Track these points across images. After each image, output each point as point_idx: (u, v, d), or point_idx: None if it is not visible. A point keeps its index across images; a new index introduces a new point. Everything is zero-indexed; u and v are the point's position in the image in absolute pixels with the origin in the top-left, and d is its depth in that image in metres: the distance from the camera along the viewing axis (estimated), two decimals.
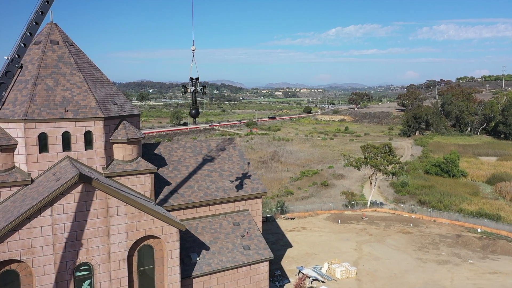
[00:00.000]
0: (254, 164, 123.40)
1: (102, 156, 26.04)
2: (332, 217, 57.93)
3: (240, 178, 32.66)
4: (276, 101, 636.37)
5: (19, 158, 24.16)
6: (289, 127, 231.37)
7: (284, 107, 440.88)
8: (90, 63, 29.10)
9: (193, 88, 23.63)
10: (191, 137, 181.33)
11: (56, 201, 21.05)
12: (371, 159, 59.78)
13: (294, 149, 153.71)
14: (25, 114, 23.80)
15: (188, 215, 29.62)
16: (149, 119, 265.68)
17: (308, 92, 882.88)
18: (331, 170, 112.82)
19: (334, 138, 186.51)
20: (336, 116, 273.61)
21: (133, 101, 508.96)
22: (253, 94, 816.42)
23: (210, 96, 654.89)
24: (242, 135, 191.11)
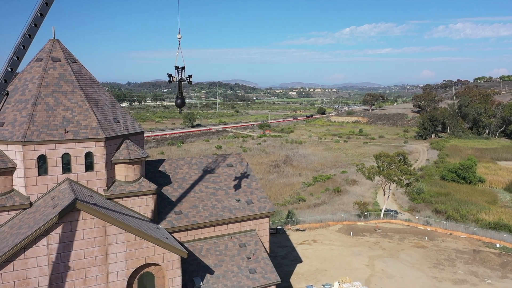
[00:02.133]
0: (266, 169, 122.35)
1: (103, 178, 25.27)
2: (344, 228, 56.46)
3: (247, 197, 31.60)
4: (289, 101, 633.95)
5: (18, 181, 23.52)
6: (302, 129, 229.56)
7: (297, 108, 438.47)
8: (93, 80, 28.38)
9: (179, 77, 22.99)
10: (203, 139, 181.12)
11: (52, 230, 20.31)
12: (384, 169, 58.08)
13: (307, 152, 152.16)
14: (23, 136, 23.14)
15: (192, 236, 28.69)
16: (162, 120, 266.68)
17: (322, 92, 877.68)
18: (344, 175, 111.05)
19: (348, 141, 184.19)
20: (350, 118, 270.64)
21: (148, 101, 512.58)
22: (267, 94, 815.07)
23: (223, 96, 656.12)
24: (255, 137, 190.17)
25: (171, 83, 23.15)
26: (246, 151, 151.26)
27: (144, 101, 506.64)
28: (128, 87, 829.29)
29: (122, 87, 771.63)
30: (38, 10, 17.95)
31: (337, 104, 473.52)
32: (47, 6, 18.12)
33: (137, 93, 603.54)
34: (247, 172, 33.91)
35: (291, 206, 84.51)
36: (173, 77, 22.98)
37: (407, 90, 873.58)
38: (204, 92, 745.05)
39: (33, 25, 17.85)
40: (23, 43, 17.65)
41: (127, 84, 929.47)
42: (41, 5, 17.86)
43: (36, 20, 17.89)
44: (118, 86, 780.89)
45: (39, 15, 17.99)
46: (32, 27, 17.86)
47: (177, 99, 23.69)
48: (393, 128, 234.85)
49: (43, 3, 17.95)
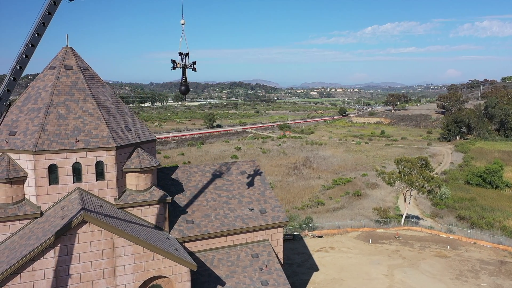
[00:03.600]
0: (285, 171, 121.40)
1: (114, 187, 25.05)
2: (363, 235, 55.13)
3: (260, 205, 30.94)
4: (310, 101, 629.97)
5: (29, 190, 23.52)
6: (322, 130, 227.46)
7: (318, 108, 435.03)
8: (105, 87, 28.26)
9: (183, 64, 22.39)
10: (223, 140, 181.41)
11: (59, 242, 20.13)
12: (405, 175, 56.43)
13: (327, 154, 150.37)
14: (34, 145, 23.11)
15: (204, 246, 28.22)
16: (183, 121, 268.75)
17: (343, 92, 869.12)
18: (364, 178, 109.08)
19: (369, 143, 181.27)
20: (371, 119, 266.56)
21: (169, 101, 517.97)
22: (288, 94, 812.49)
23: (244, 96, 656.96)
24: (275, 138, 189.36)
25: (175, 69, 22.60)
26: (266, 153, 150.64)
27: (166, 101, 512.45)
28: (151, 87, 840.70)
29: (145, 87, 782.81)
30: (41, 20, 17.71)
31: (358, 105, 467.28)
32: (49, 15, 17.87)
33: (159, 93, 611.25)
34: (261, 179, 33.24)
35: (310, 210, 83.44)
36: (177, 63, 22.51)
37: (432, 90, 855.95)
38: (225, 92, 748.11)
39: (35, 34, 17.61)
40: (26, 52, 17.44)
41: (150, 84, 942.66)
42: (43, 15, 17.64)
43: (38, 29, 17.65)
44: (141, 86, 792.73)
45: (42, 24, 17.74)
46: (35, 36, 17.61)
47: (181, 86, 23.23)
48: (416, 130, 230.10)
49: (46, 13, 17.72)
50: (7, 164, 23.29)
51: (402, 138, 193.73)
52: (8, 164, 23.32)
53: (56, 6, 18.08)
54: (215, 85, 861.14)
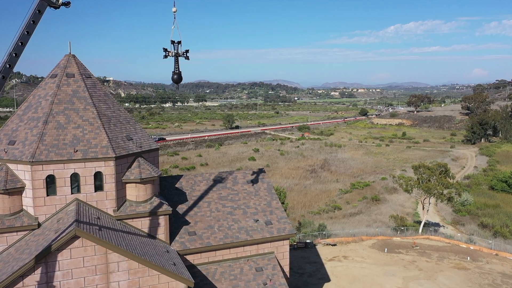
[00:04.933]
0: (303, 173, 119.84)
1: (113, 198, 24.51)
2: (379, 244, 53.39)
3: (266, 217, 29.94)
4: (332, 101, 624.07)
5: (27, 201, 23.19)
6: (342, 131, 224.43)
7: (339, 108, 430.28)
8: (107, 95, 27.79)
9: (175, 52, 22.13)
10: (241, 141, 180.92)
11: (51, 257, 19.64)
12: (423, 182, 54.36)
13: (346, 157, 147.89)
14: (32, 155, 22.75)
15: (206, 259, 27.42)
16: (203, 121, 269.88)
17: (365, 92, 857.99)
18: (383, 182, 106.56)
19: (390, 145, 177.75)
20: (393, 120, 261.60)
21: (190, 101, 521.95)
22: (309, 94, 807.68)
23: (265, 96, 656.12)
24: (294, 139, 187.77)
25: (166, 57, 22.26)
26: (283, 155, 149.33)
27: (187, 101, 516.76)
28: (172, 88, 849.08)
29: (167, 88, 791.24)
30: (25, 28, 17.23)
31: (380, 105, 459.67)
32: (34, 24, 17.38)
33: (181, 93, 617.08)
34: (268, 189, 32.23)
35: (326, 215, 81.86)
36: (169, 52, 22.15)
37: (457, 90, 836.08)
38: (246, 92, 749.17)
39: (19, 43, 17.14)
40: (9, 62, 16.96)
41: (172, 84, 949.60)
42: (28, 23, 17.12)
43: (22, 38, 17.16)
44: (163, 86, 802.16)
45: (28, 30, 17.22)
46: (19, 45, 17.14)
47: (174, 75, 22.85)
48: (439, 132, 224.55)
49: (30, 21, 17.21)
50: (5, 175, 23.00)
51: (425, 140, 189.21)
52: (6, 174, 23.04)
53: (40, 15, 17.59)
54: (235, 86, 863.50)
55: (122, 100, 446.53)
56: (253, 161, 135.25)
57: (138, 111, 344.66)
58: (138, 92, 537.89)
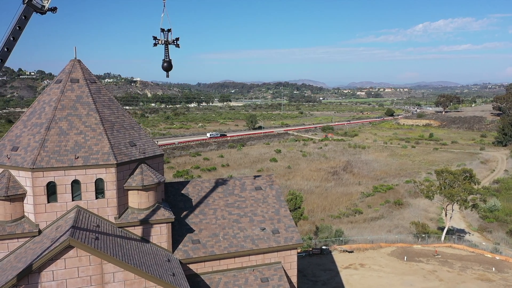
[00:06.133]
0: (324, 175, 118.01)
1: (114, 205, 24.16)
2: (398, 251, 51.54)
3: (273, 225, 29.02)
4: (357, 101, 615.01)
5: (28, 208, 23.10)
6: (367, 132, 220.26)
7: (365, 109, 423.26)
8: (112, 101, 27.52)
9: (165, 40, 21.81)
10: (264, 142, 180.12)
11: (46, 267, 19.38)
12: (446, 188, 52.08)
13: (369, 159, 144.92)
14: (33, 162, 22.63)
15: (210, 268, 26.76)
16: (226, 121, 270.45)
17: (392, 92, 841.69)
18: (407, 185, 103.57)
19: (416, 146, 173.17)
20: (420, 121, 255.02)
21: (215, 101, 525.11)
22: (334, 94, 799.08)
23: (289, 96, 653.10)
24: (316, 140, 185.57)
25: (156, 46, 21.95)
26: (306, 156, 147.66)
27: (211, 101, 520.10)
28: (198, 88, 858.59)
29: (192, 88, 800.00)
30: (11, 34, 16.97)
31: (407, 105, 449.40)
32: (19, 29, 17.12)
33: (206, 93, 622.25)
34: (277, 196, 31.30)
35: (346, 219, 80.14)
36: (159, 40, 21.85)
37: (489, 90, 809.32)
38: (271, 92, 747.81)
39: (5, 49, 16.93)
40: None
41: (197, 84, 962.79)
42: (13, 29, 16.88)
43: (8, 44, 16.93)
44: (189, 87, 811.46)
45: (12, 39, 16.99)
46: (4, 50, 16.92)
47: (164, 63, 22.41)
48: (468, 133, 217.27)
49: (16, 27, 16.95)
50: (7, 181, 22.98)
51: (453, 142, 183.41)
52: (8, 181, 23.01)
53: (26, 20, 17.33)
54: (260, 86, 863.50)
55: (148, 101, 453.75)
56: (275, 162, 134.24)
57: (164, 111, 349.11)
58: (164, 92, 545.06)
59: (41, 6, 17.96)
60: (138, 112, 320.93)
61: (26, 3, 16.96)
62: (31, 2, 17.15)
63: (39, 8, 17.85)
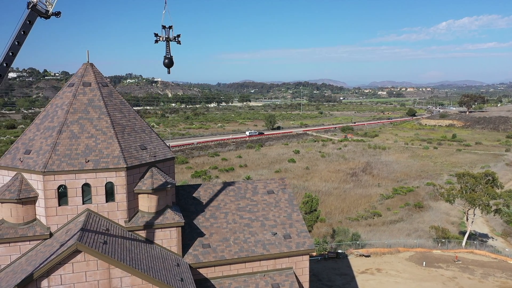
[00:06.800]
0: (343, 177, 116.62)
1: (124, 209, 24.17)
2: (416, 256, 50.28)
3: (285, 230, 28.57)
4: (378, 101, 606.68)
5: (40, 211, 23.33)
6: (388, 133, 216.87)
7: (386, 109, 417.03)
8: (124, 104, 27.56)
9: (166, 37, 22.18)
10: (282, 142, 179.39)
11: (54, 271, 19.48)
12: (467, 191, 50.50)
13: (389, 160, 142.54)
14: (44, 166, 22.83)
15: (220, 273, 26.51)
16: (245, 122, 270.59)
17: (415, 91, 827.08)
18: (428, 188, 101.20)
19: (438, 147, 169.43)
20: (443, 121, 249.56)
21: (235, 101, 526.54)
22: (355, 94, 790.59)
23: (309, 96, 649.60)
24: (336, 141, 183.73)
25: (157, 42, 22.27)
26: (324, 157, 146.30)
27: (231, 101, 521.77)
28: (218, 88, 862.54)
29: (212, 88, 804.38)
30: (15, 39, 17.09)
31: (430, 105, 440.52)
32: (24, 34, 17.24)
33: (225, 93, 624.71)
34: (289, 200, 30.82)
35: (364, 221, 78.87)
36: (160, 37, 22.19)
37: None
38: (291, 92, 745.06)
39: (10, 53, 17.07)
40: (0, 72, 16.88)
41: (217, 85, 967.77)
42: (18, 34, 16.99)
43: (13, 48, 17.05)
44: (209, 87, 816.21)
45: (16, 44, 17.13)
46: (9, 55, 17.05)
47: (165, 59, 22.72)
48: (493, 134, 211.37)
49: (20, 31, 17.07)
50: (20, 184, 23.26)
51: (477, 143, 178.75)
52: (21, 184, 23.29)
53: (31, 25, 17.45)
54: (280, 85, 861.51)
55: (169, 101, 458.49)
56: (293, 163, 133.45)
57: (184, 111, 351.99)
58: (184, 93, 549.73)
59: (45, 11, 18.10)
60: (159, 112, 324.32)
61: (31, 8, 17.09)
62: (36, 7, 17.28)
63: (43, 12, 18.00)
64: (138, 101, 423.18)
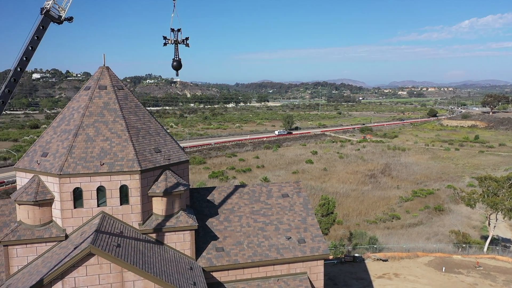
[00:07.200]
0: (361, 178, 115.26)
1: (138, 211, 24.29)
2: (436, 261, 49.18)
3: (300, 234, 28.26)
4: (398, 101, 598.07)
5: (56, 213, 23.64)
6: (408, 134, 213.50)
7: (406, 109, 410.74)
8: (139, 107, 27.71)
9: (174, 39, 22.65)
10: (300, 143, 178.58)
11: (67, 274, 19.67)
12: (489, 196, 49.15)
13: (409, 161, 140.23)
14: (60, 168, 23.12)
15: (233, 277, 26.39)
16: (263, 122, 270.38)
17: (436, 91, 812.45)
18: (449, 190, 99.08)
19: (460, 149, 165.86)
20: (465, 122, 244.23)
21: (253, 101, 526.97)
22: (374, 94, 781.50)
23: (328, 96, 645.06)
24: (354, 142, 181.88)
25: (166, 45, 22.72)
26: (342, 158, 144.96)
27: (249, 102, 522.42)
28: (236, 88, 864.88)
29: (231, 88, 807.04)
30: (29, 44, 17.36)
31: (451, 105, 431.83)
32: (37, 39, 17.45)
33: (244, 93, 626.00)
34: (304, 204, 30.48)
35: (383, 224, 77.74)
36: (168, 40, 22.64)
37: None
38: (309, 92, 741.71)
39: (24, 58, 17.33)
40: (14, 76, 17.22)
41: (236, 85, 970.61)
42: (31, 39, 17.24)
43: (26, 53, 17.30)
44: (227, 87, 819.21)
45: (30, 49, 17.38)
46: (23, 60, 17.31)
47: (173, 62, 23.21)
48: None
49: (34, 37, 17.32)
50: (37, 186, 23.62)
51: (500, 144, 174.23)
52: (38, 186, 23.64)
53: (44, 30, 17.67)
54: (298, 85, 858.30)
55: (187, 101, 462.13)
56: (310, 164, 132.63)
57: (202, 111, 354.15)
58: (203, 93, 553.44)
59: (58, 16, 18.34)
60: (177, 112, 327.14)
61: (44, 14, 17.33)
62: (49, 13, 17.51)
63: (56, 18, 18.23)
64: (158, 101, 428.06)
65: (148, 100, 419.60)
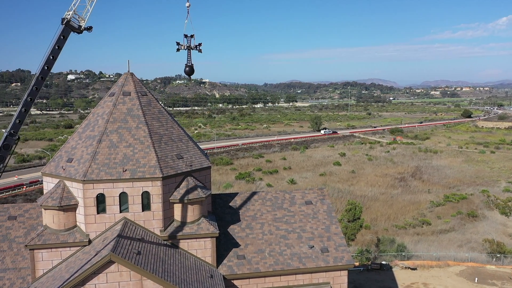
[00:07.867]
0: (391, 182, 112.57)
1: (160, 218, 24.36)
2: (468, 272, 47.25)
3: (323, 243, 27.62)
4: (431, 101, 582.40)
5: (80, 218, 24.02)
6: (440, 135, 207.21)
7: (439, 109, 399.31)
8: (162, 113, 27.82)
9: (187, 45, 22.83)
10: (328, 145, 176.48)
11: (88, 280, 19.87)
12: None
13: (441, 164, 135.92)
14: (84, 174, 23.46)
15: (254, 285, 26.06)
16: (291, 123, 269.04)
17: (471, 91, 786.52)
18: (484, 196, 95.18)
19: (496, 152, 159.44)
20: (502, 123, 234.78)
21: (281, 102, 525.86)
22: (406, 94, 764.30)
23: (357, 96, 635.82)
24: (384, 144, 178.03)
25: (179, 51, 23.00)
26: (371, 160, 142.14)
27: (277, 102, 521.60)
28: (265, 88, 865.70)
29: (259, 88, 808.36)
30: (50, 54, 17.67)
31: (487, 106, 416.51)
32: (58, 50, 17.71)
33: (272, 94, 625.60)
34: (328, 212, 29.80)
35: (412, 230, 75.48)
36: (181, 45, 22.85)
37: None
38: (338, 92, 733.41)
39: (43, 71, 17.57)
40: (30, 95, 17.53)
41: (264, 85, 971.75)
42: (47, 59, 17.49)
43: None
44: (255, 87, 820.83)
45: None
46: (42, 73, 17.54)
47: (186, 67, 23.47)
48: None
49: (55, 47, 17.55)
50: (62, 192, 24.06)
51: None
52: (63, 191, 24.08)
53: (64, 40, 17.95)
54: (327, 86, 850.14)
55: (216, 101, 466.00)
56: (338, 166, 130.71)
57: (230, 111, 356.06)
58: (231, 93, 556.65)
59: (78, 26, 18.64)
60: (206, 113, 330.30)
61: (65, 24, 17.61)
62: (69, 23, 17.79)
63: (76, 28, 18.54)
64: (187, 102, 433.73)
65: (177, 100, 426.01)
